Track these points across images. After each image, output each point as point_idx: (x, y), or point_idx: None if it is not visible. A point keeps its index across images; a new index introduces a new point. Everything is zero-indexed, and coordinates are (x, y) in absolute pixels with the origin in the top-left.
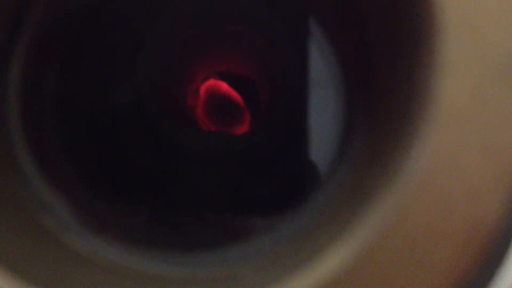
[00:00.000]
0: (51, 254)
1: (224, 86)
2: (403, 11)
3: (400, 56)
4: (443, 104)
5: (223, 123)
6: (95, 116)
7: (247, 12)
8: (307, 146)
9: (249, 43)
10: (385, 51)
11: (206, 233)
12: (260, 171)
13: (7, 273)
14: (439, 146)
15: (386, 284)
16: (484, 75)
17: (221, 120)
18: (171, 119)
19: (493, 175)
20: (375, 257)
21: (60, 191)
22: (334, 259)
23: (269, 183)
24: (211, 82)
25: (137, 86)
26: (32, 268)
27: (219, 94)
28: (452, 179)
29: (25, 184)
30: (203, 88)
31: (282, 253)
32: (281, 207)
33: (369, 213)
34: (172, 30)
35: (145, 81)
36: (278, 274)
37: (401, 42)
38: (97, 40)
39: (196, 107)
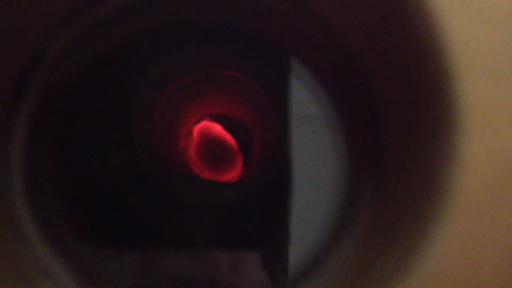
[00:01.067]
0: None
1: (217, 128)
2: (422, 100)
3: (415, 142)
4: (460, 196)
5: (215, 165)
6: (94, 174)
7: (242, 57)
8: (301, 208)
9: (244, 87)
10: (397, 132)
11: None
12: (251, 223)
13: None
14: (454, 240)
15: None
16: (505, 172)
17: (214, 162)
18: (163, 161)
19: (510, 277)
20: None
21: (61, 256)
22: None
23: (260, 236)
24: (205, 123)
25: (131, 131)
26: None
27: (213, 136)
28: (465, 278)
29: (27, 249)
30: (196, 129)
31: None
32: (273, 264)
33: None
34: (166, 74)
35: (139, 126)
36: None
37: (417, 129)
38: (91, 98)
39: (188, 148)
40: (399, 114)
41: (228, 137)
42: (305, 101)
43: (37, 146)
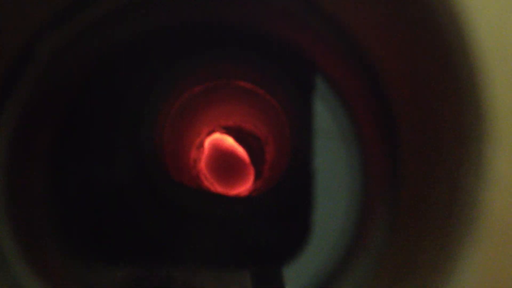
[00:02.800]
0: None
1: (229, 140)
2: (446, 108)
3: (437, 153)
4: (491, 215)
5: (226, 179)
6: (98, 185)
7: (257, 68)
8: (313, 224)
9: (258, 99)
10: (416, 143)
11: None
12: (260, 238)
13: None
14: (486, 267)
15: None
16: None
17: (225, 175)
18: (172, 173)
19: None
20: None
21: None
22: None
23: (270, 251)
24: (217, 136)
25: (138, 141)
26: None
27: (224, 148)
28: None
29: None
30: (208, 141)
31: None
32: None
33: None
34: (177, 83)
35: (147, 136)
36: None
37: (439, 139)
38: (93, 105)
39: (199, 160)
40: (419, 123)
41: (240, 150)
42: (320, 114)
43: (26, 155)
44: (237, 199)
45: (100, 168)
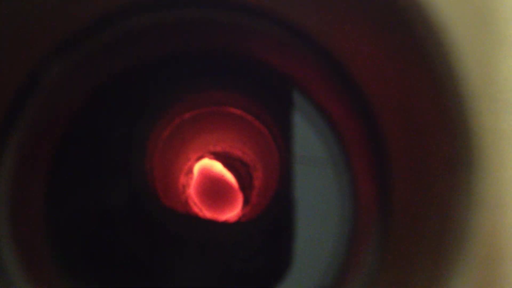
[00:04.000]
0: None
1: (218, 166)
2: (436, 141)
3: (426, 180)
4: (480, 241)
5: (215, 204)
6: (88, 210)
7: (246, 94)
8: (302, 250)
9: (247, 125)
10: (406, 171)
11: None
12: (249, 264)
13: None
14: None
15: None
16: None
17: (213, 201)
18: (161, 198)
19: None
20: None
21: None
22: None
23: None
24: (206, 161)
25: (128, 166)
26: None
27: (213, 174)
28: None
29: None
30: (197, 167)
31: None
32: None
33: None
34: (168, 109)
35: (136, 161)
36: None
37: (428, 166)
38: (87, 130)
39: (188, 186)
40: (408, 151)
41: (228, 176)
42: (310, 141)
43: (27, 178)
44: (225, 225)
45: (92, 193)
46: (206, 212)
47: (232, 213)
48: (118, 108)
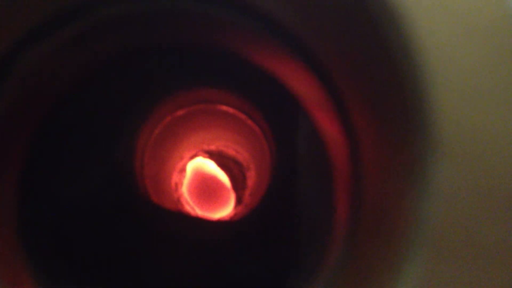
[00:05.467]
0: None
1: (211, 165)
2: (396, 128)
3: (389, 172)
4: (431, 230)
5: (207, 203)
6: (73, 208)
7: (239, 94)
8: (293, 248)
9: (240, 124)
10: (375, 165)
11: None
12: (241, 263)
13: None
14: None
15: None
16: (481, 207)
17: (206, 200)
18: (152, 196)
19: None
20: None
21: None
22: None
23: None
24: (199, 160)
25: (117, 164)
26: None
27: (206, 173)
28: None
29: None
30: (190, 165)
31: None
32: None
33: None
34: (160, 106)
35: (127, 157)
36: None
37: (391, 159)
38: (70, 123)
39: (181, 184)
40: (376, 142)
41: (221, 175)
42: (300, 140)
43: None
44: (217, 223)
45: (77, 190)
46: (198, 211)
47: (224, 212)
48: (104, 103)
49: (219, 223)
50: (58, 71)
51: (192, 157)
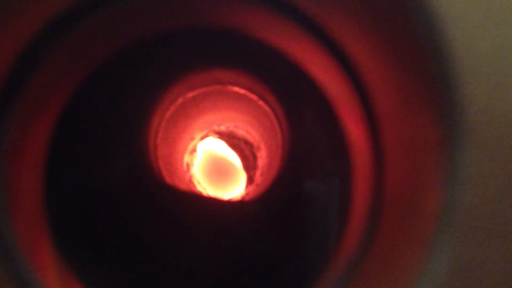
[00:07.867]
0: None
1: (222, 145)
2: (422, 116)
3: (415, 157)
4: (460, 214)
5: (219, 183)
6: (87, 189)
7: (250, 74)
8: (303, 229)
9: (250, 105)
10: (396, 146)
11: None
12: (252, 243)
13: None
14: (455, 262)
15: None
16: (509, 190)
17: (217, 180)
18: (164, 176)
19: None
20: None
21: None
22: None
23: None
24: (210, 140)
25: (132, 145)
26: None
27: (217, 153)
28: None
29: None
30: (201, 146)
31: None
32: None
33: None
34: (173, 89)
35: (141, 138)
36: None
37: (417, 146)
38: (88, 106)
39: (192, 165)
40: (399, 128)
41: (232, 155)
42: (313, 121)
43: (24, 155)
44: (229, 203)
45: (93, 171)
46: (209, 191)
47: (235, 192)
48: (119, 86)
49: (231, 203)
50: (80, 58)
51: (203, 138)
